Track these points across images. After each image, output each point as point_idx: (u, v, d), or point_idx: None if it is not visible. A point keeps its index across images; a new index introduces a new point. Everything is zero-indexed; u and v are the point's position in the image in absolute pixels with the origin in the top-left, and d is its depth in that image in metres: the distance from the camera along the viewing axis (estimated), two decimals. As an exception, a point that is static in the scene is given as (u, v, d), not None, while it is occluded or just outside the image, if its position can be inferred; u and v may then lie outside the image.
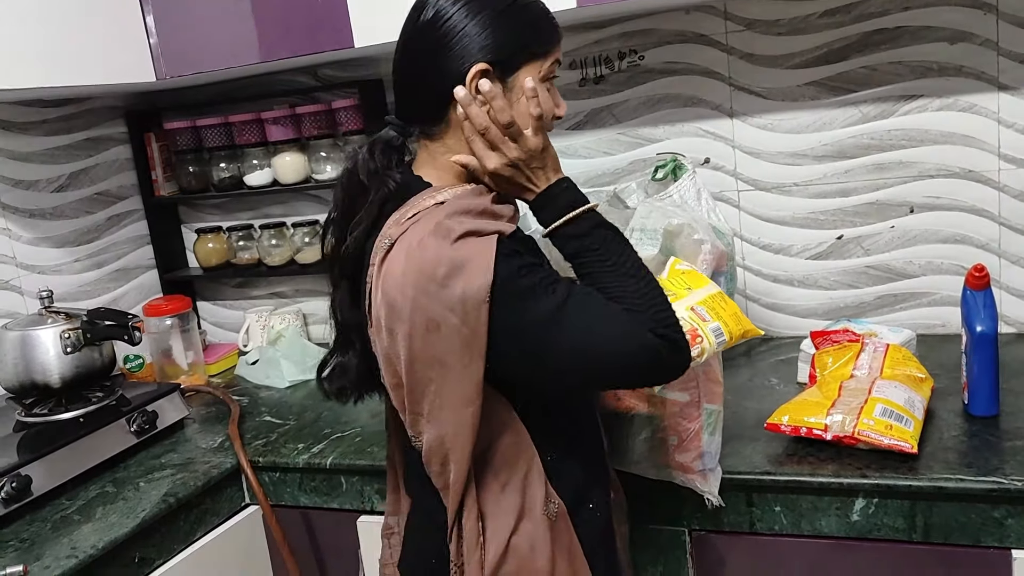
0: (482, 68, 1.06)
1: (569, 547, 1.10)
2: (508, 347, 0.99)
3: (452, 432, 1.03)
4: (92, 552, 1.35)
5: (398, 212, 1.06)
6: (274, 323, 2.24)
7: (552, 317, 0.98)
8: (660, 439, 1.32)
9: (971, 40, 1.66)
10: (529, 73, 1.09)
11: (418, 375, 1.02)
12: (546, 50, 1.10)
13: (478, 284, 0.97)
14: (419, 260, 0.99)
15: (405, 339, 1.00)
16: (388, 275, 1.01)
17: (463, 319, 0.97)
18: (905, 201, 1.77)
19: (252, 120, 2.14)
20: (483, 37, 1.06)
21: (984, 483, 1.20)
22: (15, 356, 1.68)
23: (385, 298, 1.01)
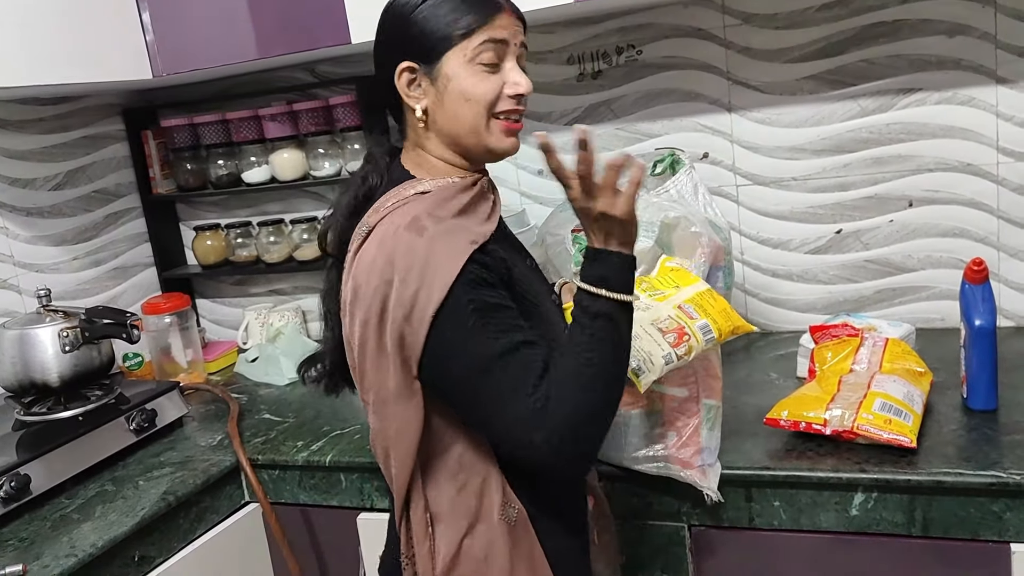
0: (404, 67, 1.09)
1: (530, 554, 1.09)
2: (435, 370, 1.01)
3: (395, 426, 1.05)
4: (92, 551, 1.35)
5: (380, 201, 1.09)
6: (273, 320, 2.24)
7: (478, 366, 0.99)
8: (659, 435, 1.31)
9: (969, 33, 1.66)
10: (453, 60, 1.07)
11: (367, 362, 1.05)
12: (464, 31, 1.06)
13: (430, 297, 0.98)
14: (389, 251, 1.01)
15: (361, 325, 1.03)
16: (360, 261, 1.05)
17: (407, 318, 0.99)
18: (904, 195, 1.77)
19: (249, 117, 2.14)
20: (402, 35, 1.09)
21: (983, 477, 1.20)
22: (14, 355, 1.68)
23: (353, 282, 1.05)
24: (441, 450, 1.07)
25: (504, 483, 1.08)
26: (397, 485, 1.08)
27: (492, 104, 1.08)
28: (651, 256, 1.45)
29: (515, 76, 1.09)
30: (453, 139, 1.11)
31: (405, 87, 1.09)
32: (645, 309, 1.24)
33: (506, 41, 1.08)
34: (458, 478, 1.07)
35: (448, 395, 1.03)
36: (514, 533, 1.08)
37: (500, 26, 1.08)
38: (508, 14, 1.09)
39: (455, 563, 1.08)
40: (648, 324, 1.21)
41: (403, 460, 1.06)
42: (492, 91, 1.08)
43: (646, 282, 1.30)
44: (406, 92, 1.10)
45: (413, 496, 1.08)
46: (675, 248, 1.46)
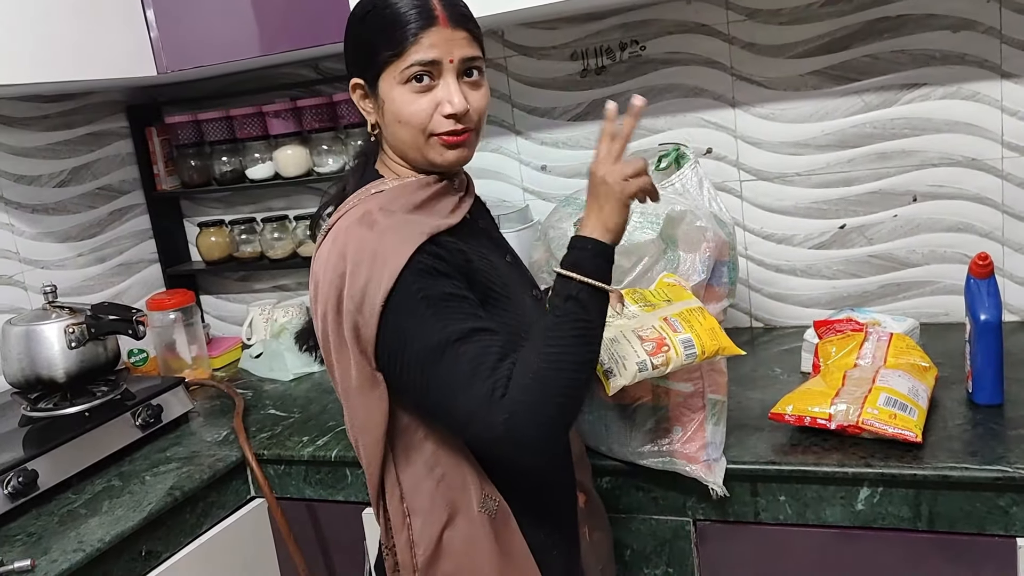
0: (353, 83, 1.12)
1: (511, 547, 1.10)
2: (389, 359, 1.02)
3: (361, 415, 1.07)
4: (99, 546, 1.36)
5: (346, 201, 1.11)
6: (277, 316, 2.24)
7: (428, 353, 0.99)
8: (664, 429, 1.32)
9: (974, 28, 1.66)
10: (386, 82, 1.07)
11: (331, 354, 1.07)
12: (395, 53, 1.05)
13: (379, 286, 0.99)
14: (342, 245, 1.03)
15: (321, 318, 1.06)
16: (317, 258, 1.08)
17: (359, 308, 1.01)
18: (908, 190, 1.77)
19: (253, 113, 2.14)
20: (352, 52, 1.12)
21: (989, 471, 1.20)
22: (20, 351, 1.68)
23: (312, 279, 1.08)
24: (417, 442, 1.08)
25: (483, 476, 1.09)
26: (368, 475, 1.10)
27: (424, 125, 1.07)
28: (654, 251, 1.45)
29: (451, 95, 1.06)
30: (400, 152, 1.13)
31: (359, 101, 1.13)
32: (631, 318, 1.24)
33: (437, 61, 1.05)
34: (435, 471, 1.08)
35: (405, 385, 1.03)
36: (495, 526, 1.09)
37: (430, 44, 1.05)
38: (443, 28, 1.05)
39: (437, 556, 1.09)
40: (629, 331, 1.21)
41: (371, 450, 1.07)
42: (423, 112, 1.07)
43: (639, 293, 1.30)
44: (360, 106, 1.13)
45: (387, 486, 1.09)
46: (680, 242, 1.46)
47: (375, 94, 1.10)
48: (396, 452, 1.08)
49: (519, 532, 1.10)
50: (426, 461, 1.08)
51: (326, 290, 1.04)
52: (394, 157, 1.15)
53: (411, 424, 1.07)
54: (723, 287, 1.50)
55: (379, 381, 1.04)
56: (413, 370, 1.00)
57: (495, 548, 1.08)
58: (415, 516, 1.09)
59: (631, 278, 1.42)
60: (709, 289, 1.47)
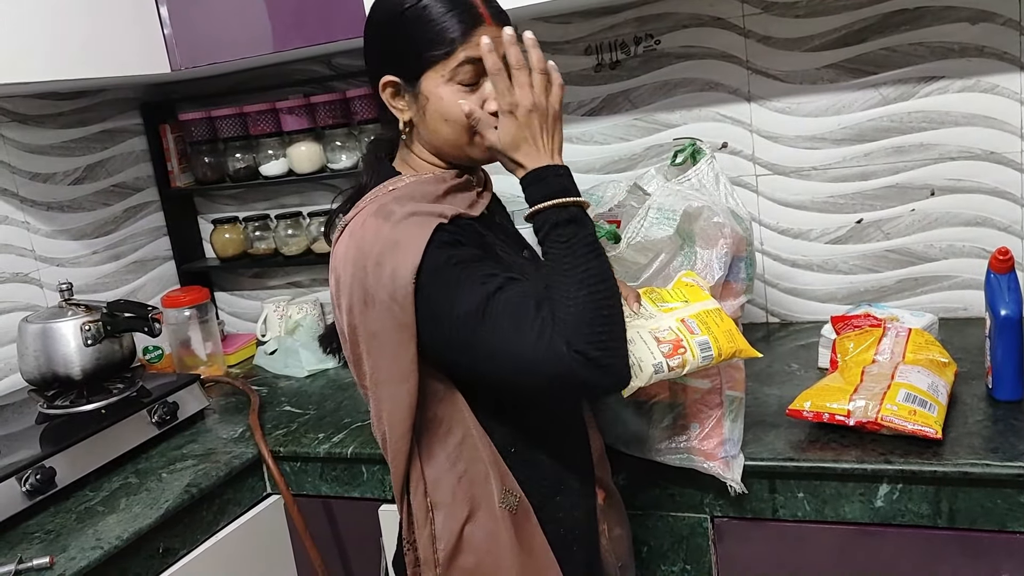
0: (386, 81, 1.11)
1: (532, 542, 1.10)
2: (434, 333, 1.01)
3: (388, 408, 1.07)
4: (117, 543, 1.36)
5: (364, 198, 1.11)
6: (292, 313, 2.24)
7: (473, 313, 0.98)
8: (682, 426, 1.31)
9: (993, 20, 1.64)
10: (431, 80, 1.07)
11: (358, 348, 1.07)
12: (446, 52, 1.06)
13: (406, 265, 0.99)
14: (359, 239, 1.04)
15: (347, 313, 1.06)
16: (335, 253, 1.08)
17: (392, 297, 1.00)
18: (926, 184, 1.75)
19: (267, 110, 2.14)
20: (385, 50, 1.10)
21: (1010, 468, 1.19)
22: (36, 349, 1.69)
23: (333, 274, 1.08)
24: (441, 436, 1.08)
25: (504, 472, 1.09)
26: (393, 469, 1.09)
27: (467, 123, 1.08)
28: (671, 247, 1.45)
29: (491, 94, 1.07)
30: (436, 149, 1.13)
31: (389, 99, 1.12)
32: (648, 318, 1.24)
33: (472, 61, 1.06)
34: (458, 466, 1.08)
35: (458, 358, 1.03)
36: (515, 521, 1.09)
37: (473, 46, 1.05)
38: (488, 27, 1.06)
39: (457, 551, 1.09)
40: (646, 332, 1.20)
41: (397, 443, 1.07)
42: (465, 111, 1.07)
43: (656, 293, 1.30)
44: (390, 103, 1.12)
45: (412, 480, 1.09)
46: (697, 238, 1.45)
47: (413, 92, 1.09)
48: (420, 447, 1.08)
49: (539, 528, 1.10)
50: (448, 455, 1.08)
51: (348, 284, 1.04)
52: (423, 155, 1.14)
53: (436, 418, 1.07)
54: (740, 283, 1.49)
55: (411, 373, 1.03)
56: (461, 335, 0.99)
57: (515, 544, 1.08)
58: (437, 511, 1.09)
59: (648, 274, 1.42)
60: (726, 285, 1.46)
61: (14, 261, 1.96)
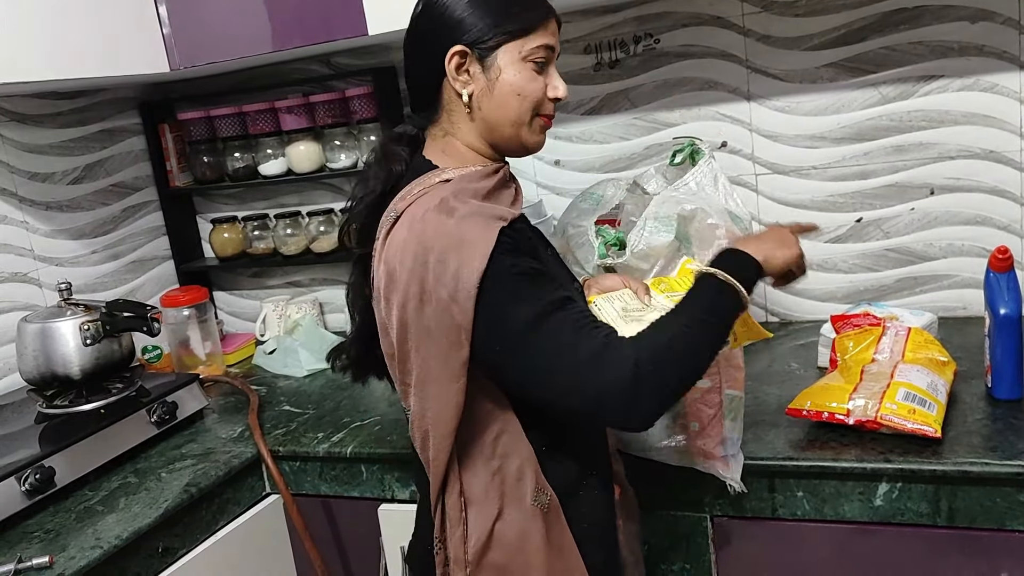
0: (457, 51, 1.09)
1: (561, 540, 1.10)
2: (488, 338, 1.01)
3: (435, 407, 1.06)
4: (116, 542, 1.36)
5: (405, 189, 1.09)
6: (291, 312, 2.25)
7: (532, 320, 0.99)
8: (681, 425, 1.31)
9: (992, 19, 1.64)
10: (508, 54, 1.09)
11: (408, 344, 1.05)
12: (524, 29, 1.09)
13: (472, 268, 0.99)
14: (420, 232, 1.02)
15: (399, 308, 1.04)
16: (390, 245, 1.06)
17: (453, 296, 1.00)
18: (925, 183, 1.75)
19: (266, 109, 2.14)
20: (458, 20, 1.09)
21: (1009, 466, 1.19)
22: (35, 348, 1.69)
23: (386, 267, 1.05)
24: (478, 433, 1.08)
25: (537, 469, 1.09)
26: (435, 468, 1.08)
27: (538, 104, 1.12)
28: (671, 251, 1.45)
29: (558, 81, 1.14)
30: (492, 127, 1.12)
31: (453, 71, 1.10)
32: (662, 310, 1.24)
33: (554, 47, 1.13)
34: (492, 463, 1.08)
35: (506, 364, 1.02)
36: (546, 519, 1.09)
37: (551, 32, 1.12)
38: (555, 22, 1.14)
39: (487, 548, 1.08)
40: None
41: (441, 442, 1.06)
42: (540, 91, 1.12)
43: (665, 283, 1.30)
44: (454, 76, 1.10)
45: (450, 480, 1.08)
46: (693, 240, 1.46)
47: (484, 64, 1.09)
48: (457, 445, 1.08)
49: (567, 526, 1.11)
50: (484, 453, 1.08)
51: (406, 279, 1.02)
52: (470, 140, 1.14)
53: (474, 416, 1.07)
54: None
55: (460, 371, 1.03)
56: (517, 342, 1.00)
57: (546, 543, 1.09)
58: (470, 508, 1.09)
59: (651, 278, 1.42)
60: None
61: (13, 261, 1.96)
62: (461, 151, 1.14)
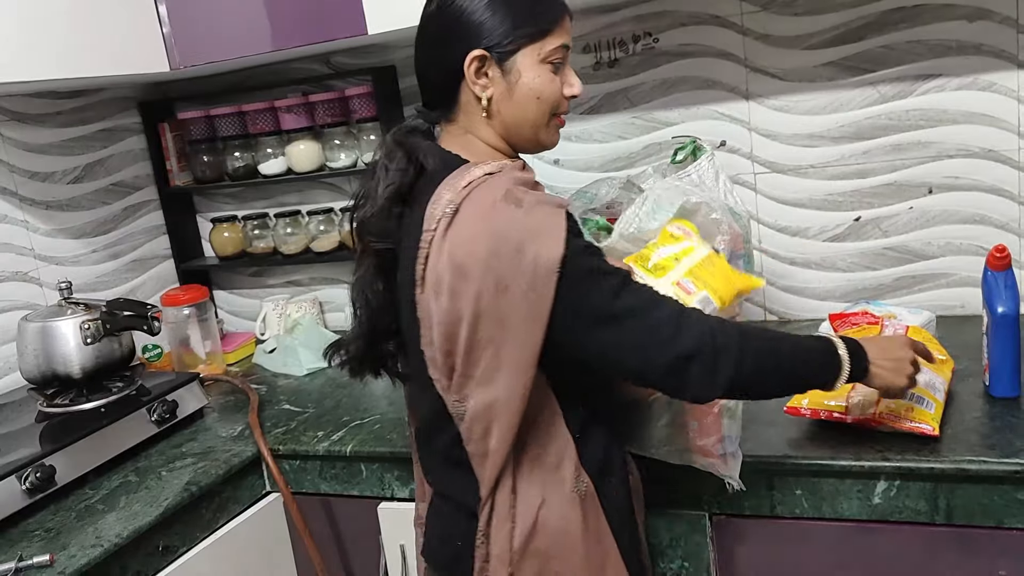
0: (477, 55, 1.09)
1: (598, 526, 1.12)
2: (571, 318, 1.02)
3: (504, 397, 1.05)
4: (117, 541, 1.37)
5: (448, 182, 1.08)
6: (291, 311, 2.25)
7: (616, 289, 1.03)
8: (680, 424, 1.31)
9: (990, 18, 1.64)
10: (527, 57, 1.10)
11: (480, 335, 1.04)
12: (543, 30, 1.10)
13: (551, 254, 1.00)
14: (493, 224, 1.02)
15: (473, 299, 1.02)
16: (456, 238, 1.04)
17: (531, 284, 1.01)
18: (924, 182, 1.76)
19: (266, 109, 2.14)
20: (477, 23, 1.09)
21: (1007, 465, 1.19)
22: (36, 347, 1.69)
23: (452, 260, 1.03)
24: (527, 424, 1.09)
25: (575, 455, 1.11)
26: (493, 460, 1.08)
27: (556, 104, 1.13)
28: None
29: (573, 78, 1.16)
30: (511, 128, 1.14)
31: (473, 75, 1.10)
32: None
33: (569, 45, 1.14)
34: (534, 451, 1.09)
35: (588, 339, 1.04)
36: (584, 505, 1.11)
37: (566, 29, 1.13)
38: (569, 18, 1.15)
39: (532, 536, 1.09)
40: None
41: (506, 434, 1.07)
42: (558, 91, 1.13)
43: (643, 256, 1.28)
44: (473, 80, 1.11)
45: (504, 472, 1.09)
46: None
47: (503, 68, 1.10)
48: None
49: (603, 512, 1.12)
50: (528, 441, 1.09)
51: (480, 270, 1.02)
52: (489, 139, 1.14)
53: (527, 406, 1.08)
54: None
55: (534, 361, 1.04)
56: (603, 314, 1.02)
57: (584, 527, 1.10)
58: (519, 499, 1.09)
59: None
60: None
61: (13, 260, 1.96)
62: (481, 148, 1.15)
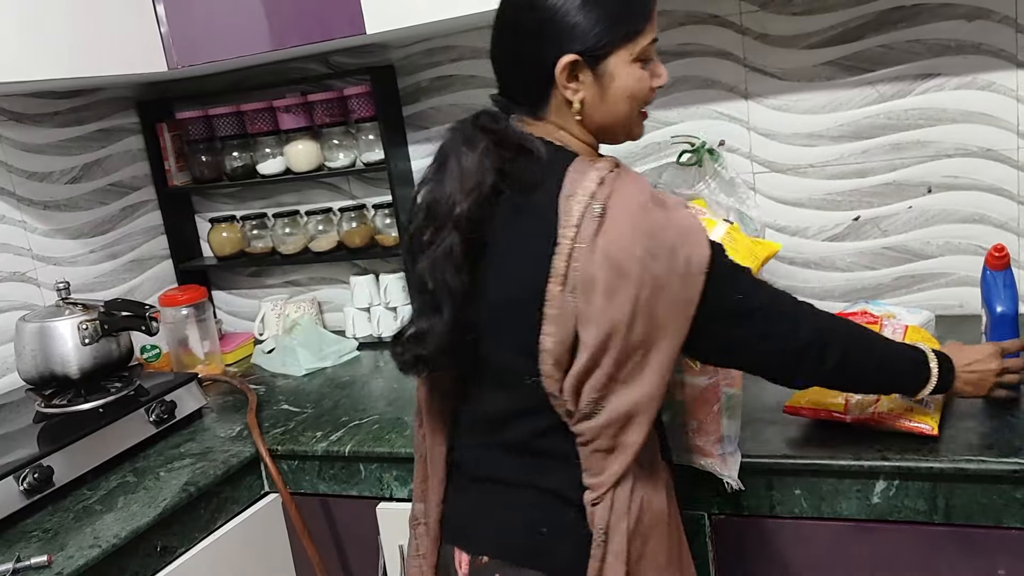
0: (571, 60, 1.07)
1: (676, 512, 1.16)
2: (709, 317, 1.05)
3: (648, 395, 1.06)
4: (115, 542, 1.36)
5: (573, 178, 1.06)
6: (289, 311, 2.25)
7: (752, 287, 1.10)
8: (680, 423, 1.31)
9: (989, 17, 1.64)
10: (619, 58, 1.08)
11: (633, 337, 1.03)
12: (636, 30, 1.08)
13: (701, 254, 1.04)
14: (646, 225, 1.03)
15: (630, 301, 1.02)
16: (610, 238, 1.02)
17: (683, 284, 1.03)
18: (923, 181, 1.76)
19: (264, 109, 2.14)
20: (570, 26, 1.06)
21: (1006, 464, 1.19)
22: (34, 348, 1.69)
23: (608, 260, 1.02)
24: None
25: (660, 447, 1.15)
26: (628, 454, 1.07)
27: (646, 99, 1.13)
28: None
29: (660, 68, 1.14)
30: (601, 127, 1.13)
31: (564, 80, 1.08)
32: None
33: (657, 38, 1.12)
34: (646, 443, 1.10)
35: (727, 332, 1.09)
36: (668, 493, 1.14)
37: (655, 21, 1.11)
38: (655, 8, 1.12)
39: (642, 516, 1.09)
40: None
41: (644, 427, 1.07)
42: (648, 86, 1.12)
43: None
44: (564, 84, 1.08)
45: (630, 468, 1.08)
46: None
47: (596, 72, 1.08)
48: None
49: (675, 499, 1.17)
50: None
51: (638, 271, 1.01)
52: (577, 133, 1.13)
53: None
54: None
55: (675, 357, 1.07)
56: (744, 308, 1.08)
57: (668, 513, 1.13)
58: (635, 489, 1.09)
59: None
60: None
61: (11, 260, 1.96)
62: (575, 144, 1.13)
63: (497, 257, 1.11)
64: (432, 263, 1.11)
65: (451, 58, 2.05)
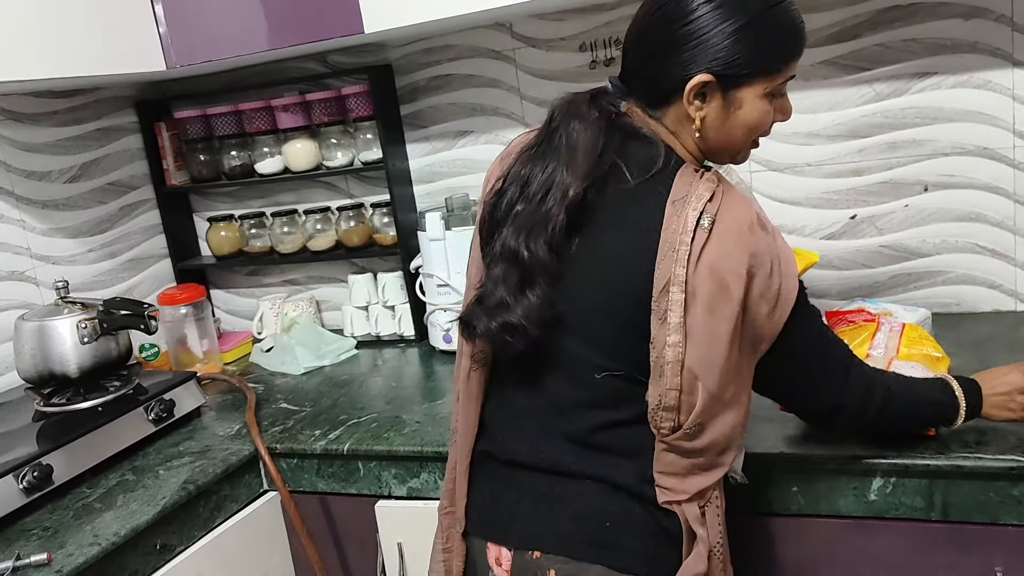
0: (703, 80, 1.05)
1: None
2: (781, 347, 1.08)
3: (743, 415, 1.09)
4: (114, 539, 1.37)
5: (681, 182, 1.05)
6: (287, 310, 2.25)
7: (822, 329, 1.13)
8: (677, 421, 1.31)
9: (985, 16, 1.65)
10: (752, 90, 1.07)
11: (733, 357, 1.04)
12: (780, 68, 1.07)
13: (792, 284, 1.06)
14: (752, 246, 1.03)
15: (730, 319, 1.02)
16: (717, 252, 1.02)
17: (772, 309, 1.04)
18: (919, 180, 1.76)
19: (262, 108, 2.14)
20: (716, 46, 1.05)
21: (1002, 461, 1.20)
22: (33, 347, 1.69)
23: (713, 275, 1.01)
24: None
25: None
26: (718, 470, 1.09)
27: (764, 132, 1.13)
28: None
29: (787, 104, 1.14)
30: (711, 148, 1.13)
31: (691, 96, 1.07)
32: None
33: (794, 75, 1.12)
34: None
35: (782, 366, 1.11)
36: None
37: (797, 63, 1.11)
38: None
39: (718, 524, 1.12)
40: None
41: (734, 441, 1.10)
42: (770, 121, 1.11)
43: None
44: (690, 101, 1.07)
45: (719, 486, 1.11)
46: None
47: (726, 97, 1.07)
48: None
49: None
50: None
51: (740, 290, 1.02)
52: (688, 145, 1.12)
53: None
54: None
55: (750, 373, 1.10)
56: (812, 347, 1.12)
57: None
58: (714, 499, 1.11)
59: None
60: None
61: (10, 259, 1.96)
62: (682, 151, 1.12)
63: (593, 244, 1.09)
64: (529, 235, 1.08)
65: (449, 57, 2.05)
